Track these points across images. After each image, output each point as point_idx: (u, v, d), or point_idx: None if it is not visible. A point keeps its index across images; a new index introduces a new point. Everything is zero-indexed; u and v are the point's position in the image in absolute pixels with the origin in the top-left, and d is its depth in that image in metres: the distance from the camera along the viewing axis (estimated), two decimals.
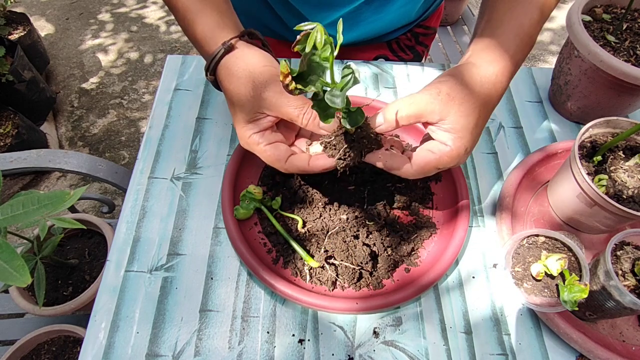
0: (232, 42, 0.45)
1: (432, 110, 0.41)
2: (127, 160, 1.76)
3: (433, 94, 0.41)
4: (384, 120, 0.42)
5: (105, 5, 2.39)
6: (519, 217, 0.55)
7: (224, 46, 0.44)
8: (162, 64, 1.73)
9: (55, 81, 2.02)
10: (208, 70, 0.46)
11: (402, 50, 0.81)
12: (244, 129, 0.44)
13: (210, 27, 0.46)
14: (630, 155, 0.51)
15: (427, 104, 0.41)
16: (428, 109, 0.41)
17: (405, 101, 0.42)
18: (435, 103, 0.41)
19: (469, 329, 0.48)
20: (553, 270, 0.45)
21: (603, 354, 0.44)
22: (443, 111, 0.41)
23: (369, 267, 0.48)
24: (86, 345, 0.45)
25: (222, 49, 0.44)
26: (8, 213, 0.44)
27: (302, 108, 0.42)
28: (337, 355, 0.46)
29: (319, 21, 0.74)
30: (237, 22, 0.48)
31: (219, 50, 0.45)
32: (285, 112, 0.42)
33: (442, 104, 0.41)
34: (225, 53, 0.45)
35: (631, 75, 0.53)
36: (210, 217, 0.54)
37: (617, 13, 0.62)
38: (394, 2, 0.67)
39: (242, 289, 0.49)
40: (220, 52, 0.45)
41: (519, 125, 0.65)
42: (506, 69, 0.44)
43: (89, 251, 0.94)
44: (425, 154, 0.43)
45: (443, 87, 0.41)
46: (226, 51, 0.45)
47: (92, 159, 0.80)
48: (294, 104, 0.42)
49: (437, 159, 0.42)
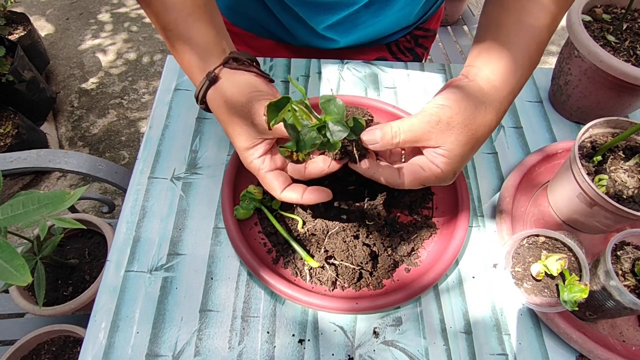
0: (215, 73, 0.45)
1: (429, 138, 0.41)
2: (127, 160, 1.76)
3: (432, 122, 0.41)
4: (380, 141, 0.42)
5: (105, 5, 2.39)
6: (519, 217, 0.55)
7: (208, 77, 0.44)
8: (162, 64, 1.73)
9: (55, 81, 2.02)
10: (197, 101, 0.47)
11: (401, 53, 0.81)
12: (245, 154, 0.45)
13: (196, 57, 0.46)
14: (630, 155, 0.51)
15: (425, 132, 0.41)
16: (426, 137, 0.41)
17: (404, 126, 0.41)
18: (434, 132, 0.41)
19: (469, 329, 0.48)
20: (553, 270, 0.45)
21: (603, 354, 0.44)
22: (440, 139, 0.41)
23: (369, 267, 0.48)
24: (86, 345, 0.45)
25: (206, 80, 0.44)
26: (8, 213, 0.44)
27: None
28: (337, 355, 0.46)
29: (317, 24, 0.74)
30: (225, 46, 0.48)
31: (204, 82, 0.45)
32: (280, 133, 0.43)
33: (441, 132, 0.41)
34: (211, 84, 0.45)
35: (631, 75, 0.53)
36: (210, 217, 0.54)
37: (617, 13, 0.62)
38: (393, 5, 0.67)
39: (242, 289, 0.49)
40: (205, 85, 0.45)
41: (519, 125, 0.65)
42: (511, 94, 0.43)
43: (89, 251, 0.94)
44: (416, 168, 0.43)
45: (444, 115, 0.41)
46: (211, 83, 0.45)
47: (92, 159, 0.80)
48: None
49: (425, 176, 0.43)
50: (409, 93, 0.68)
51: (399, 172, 0.43)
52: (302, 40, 0.73)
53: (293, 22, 0.70)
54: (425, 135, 0.41)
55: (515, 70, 0.43)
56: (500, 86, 0.43)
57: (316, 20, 0.68)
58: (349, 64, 0.71)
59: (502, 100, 0.43)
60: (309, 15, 0.67)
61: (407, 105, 0.66)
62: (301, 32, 0.71)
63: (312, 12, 0.67)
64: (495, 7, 0.46)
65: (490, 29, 0.46)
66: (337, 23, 0.68)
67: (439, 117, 0.41)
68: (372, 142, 0.42)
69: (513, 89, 0.43)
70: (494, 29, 0.45)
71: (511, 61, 0.43)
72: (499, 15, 0.45)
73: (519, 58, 0.43)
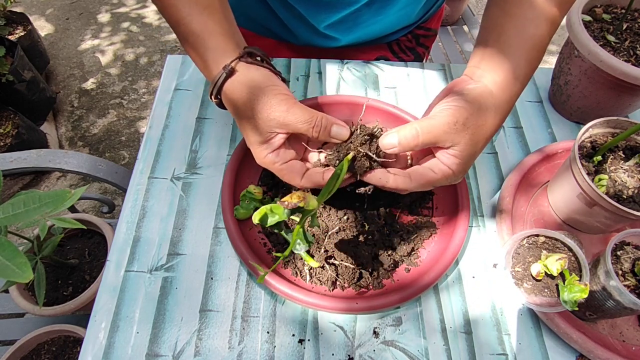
0: (232, 66, 0.45)
1: (447, 139, 0.42)
2: (127, 160, 1.76)
3: (451, 123, 0.41)
4: (399, 145, 0.42)
5: (105, 5, 2.39)
6: (519, 217, 0.55)
7: (225, 70, 0.44)
8: (162, 64, 1.73)
9: (55, 81, 2.02)
10: (212, 95, 0.46)
11: (402, 52, 0.81)
12: (259, 149, 0.45)
13: (212, 51, 0.46)
14: (630, 155, 0.51)
15: (444, 133, 0.41)
16: (444, 137, 0.42)
17: (423, 127, 0.42)
18: (451, 132, 0.41)
19: (469, 329, 0.48)
20: (553, 270, 0.45)
21: (603, 354, 0.44)
22: (456, 139, 0.42)
23: (369, 267, 0.48)
24: (86, 345, 0.45)
25: (223, 73, 0.44)
26: (9, 212, 0.44)
27: (311, 122, 0.43)
28: (337, 355, 0.46)
29: (319, 23, 0.74)
30: (238, 41, 0.48)
31: (220, 75, 0.45)
32: (295, 128, 0.43)
33: (457, 133, 0.41)
34: (227, 77, 0.45)
35: (631, 75, 0.53)
36: (210, 217, 0.54)
37: (617, 13, 0.62)
38: (394, 5, 0.67)
39: (242, 289, 0.49)
40: (222, 77, 0.45)
41: (519, 125, 0.65)
42: (514, 99, 0.45)
43: (89, 251, 0.94)
44: (426, 172, 0.43)
45: (460, 116, 0.41)
46: (227, 75, 0.45)
47: (92, 159, 0.80)
48: (302, 119, 0.42)
49: (437, 178, 0.43)
50: (409, 93, 0.68)
51: (410, 177, 0.44)
52: (303, 39, 0.73)
53: (294, 21, 0.70)
54: (444, 136, 0.41)
55: (516, 77, 0.44)
56: (504, 90, 0.44)
57: (318, 19, 0.68)
58: (349, 63, 0.71)
59: (504, 105, 0.44)
60: (311, 14, 0.67)
61: (407, 105, 0.66)
62: (302, 31, 0.71)
63: (314, 11, 0.67)
64: (497, 11, 0.47)
65: (493, 35, 0.46)
66: (339, 22, 0.68)
67: (456, 118, 0.41)
68: (390, 147, 0.43)
69: (515, 93, 0.45)
70: (496, 35, 0.46)
71: (512, 68, 0.44)
72: (501, 21, 0.46)
73: (521, 66, 0.44)
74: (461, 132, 0.41)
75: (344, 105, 0.61)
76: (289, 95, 0.44)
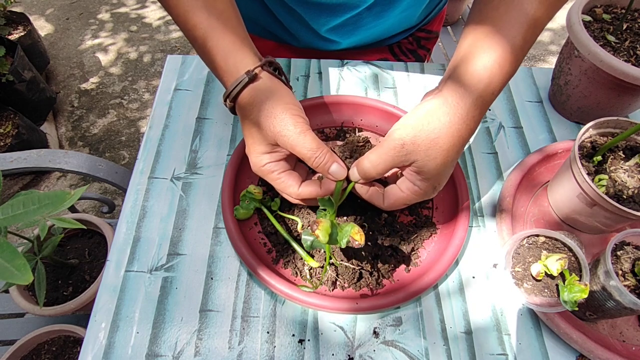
0: (256, 72, 0.45)
1: (399, 161, 0.43)
2: (127, 160, 1.76)
3: (397, 147, 0.42)
4: (362, 178, 0.45)
5: (105, 5, 2.39)
6: (519, 217, 0.55)
7: (248, 75, 0.45)
8: (162, 64, 1.73)
9: (55, 81, 2.02)
10: (228, 98, 0.46)
11: (403, 54, 0.81)
12: (259, 157, 0.45)
13: (232, 55, 0.46)
14: (630, 155, 0.51)
15: (393, 159, 0.43)
16: (396, 161, 0.43)
17: (373, 160, 0.43)
18: (401, 155, 0.42)
19: (469, 329, 0.48)
20: (553, 270, 0.45)
21: (603, 354, 0.44)
22: (410, 158, 0.42)
23: (369, 267, 0.48)
24: (86, 345, 0.45)
25: (245, 77, 0.45)
26: (9, 212, 0.44)
27: (316, 152, 0.43)
28: (337, 355, 0.46)
29: (320, 26, 0.75)
30: (255, 50, 0.49)
31: (242, 79, 0.45)
32: (299, 152, 0.43)
33: (409, 153, 0.42)
34: (249, 82, 0.45)
35: (631, 75, 0.53)
36: (210, 217, 0.54)
37: (617, 13, 0.62)
38: (395, 8, 0.67)
39: (242, 289, 0.49)
40: (245, 81, 0.45)
41: (519, 125, 0.65)
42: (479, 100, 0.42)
43: (89, 251, 0.94)
44: (395, 191, 0.46)
45: (406, 136, 0.42)
46: (250, 80, 0.45)
47: (92, 159, 0.80)
48: (309, 147, 0.43)
49: (405, 197, 0.45)
50: (409, 93, 0.68)
51: (383, 195, 0.47)
52: (304, 42, 0.73)
53: (295, 24, 0.70)
54: (395, 161, 0.43)
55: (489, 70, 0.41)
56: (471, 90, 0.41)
57: (319, 23, 0.68)
58: (349, 64, 0.71)
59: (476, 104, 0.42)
60: (312, 18, 0.67)
61: (407, 105, 0.66)
62: (303, 34, 0.71)
63: (315, 15, 0.67)
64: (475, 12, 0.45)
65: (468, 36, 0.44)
66: (340, 25, 0.68)
67: (403, 140, 0.42)
68: (356, 179, 0.46)
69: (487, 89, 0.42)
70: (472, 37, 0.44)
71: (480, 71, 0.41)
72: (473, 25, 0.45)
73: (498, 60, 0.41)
74: (413, 150, 0.42)
75: (348, 105, 0.62)
76: (304, 118, 0.45)
